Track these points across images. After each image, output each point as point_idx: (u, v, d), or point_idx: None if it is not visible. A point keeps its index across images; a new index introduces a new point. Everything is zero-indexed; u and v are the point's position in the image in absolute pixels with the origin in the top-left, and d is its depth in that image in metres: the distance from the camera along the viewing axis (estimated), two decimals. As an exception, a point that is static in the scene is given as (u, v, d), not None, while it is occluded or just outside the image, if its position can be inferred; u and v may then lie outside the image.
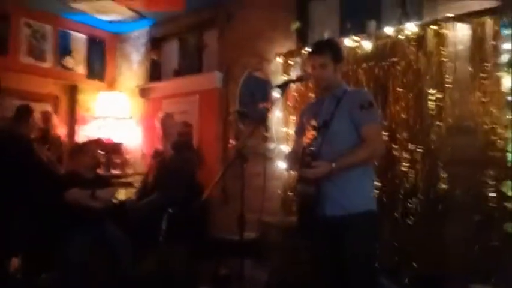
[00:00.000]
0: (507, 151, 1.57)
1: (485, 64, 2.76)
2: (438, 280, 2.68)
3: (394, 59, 3.13)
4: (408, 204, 2.99)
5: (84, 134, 4.95)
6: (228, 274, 3.50)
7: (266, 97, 4.02)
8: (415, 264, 2.87)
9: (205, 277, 3.56)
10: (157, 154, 4.32)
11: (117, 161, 4.84)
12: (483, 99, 2.76)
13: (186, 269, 3.57)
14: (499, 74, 2.70)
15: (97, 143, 3.92)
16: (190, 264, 3.59)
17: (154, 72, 5.11)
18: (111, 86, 5.33)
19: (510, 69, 2.65)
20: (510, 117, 1.69)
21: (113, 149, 4.89)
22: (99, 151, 3.78)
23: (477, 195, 2.69)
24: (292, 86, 3.62)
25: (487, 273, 2.53)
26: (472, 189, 2.71)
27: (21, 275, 3.26)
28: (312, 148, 2.20)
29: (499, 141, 2.65)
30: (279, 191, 3.65)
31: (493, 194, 2.61)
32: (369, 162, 2.29)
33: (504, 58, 2.68)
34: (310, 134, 2.25)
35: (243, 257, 3.08)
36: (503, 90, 2.64)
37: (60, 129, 4.69)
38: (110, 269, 3.37)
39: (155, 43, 5.12)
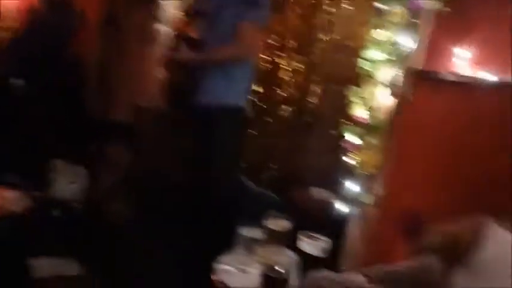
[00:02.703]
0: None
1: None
2: (289, 183, 2.91)
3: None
4: (281, 112, 3.13)
5: None
6: (98, 155, 3.40)
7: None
8: (274, 167, 3.10)
9: (73, 155, 3.42)
10: (32, 11, 3.80)
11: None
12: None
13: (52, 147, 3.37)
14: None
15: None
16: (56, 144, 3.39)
17: None
18: None
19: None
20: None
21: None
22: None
23: (340, 111, 2.88)
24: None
25: (333, 183, 2.82)
26: (337, 106, 2.88)
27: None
28: (190, 34, 2.15)
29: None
30: (159, 76, 3.50)
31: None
32: (238, 60, 2.24)
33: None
34: (191, 19, 2.18)
35: (115, 140, 2.99)
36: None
37: None
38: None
39: None
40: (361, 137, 1.64)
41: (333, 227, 1.78)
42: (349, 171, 1.77)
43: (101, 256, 2.31)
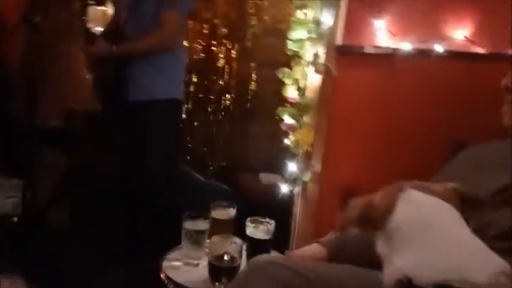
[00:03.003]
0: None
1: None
2: (237, 171, 2.90)
3: None
4: (221, 100, 3.11)
5: None
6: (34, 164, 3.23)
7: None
8: (219, 156, 3.09)
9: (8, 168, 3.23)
10: None
11: None
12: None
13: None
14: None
15: None
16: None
17: None
18: None
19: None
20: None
21: None
22: None
23: (276, 94, 2.90)
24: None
25: (277, 166, 2.84)
26: (273, 90, 2.91)
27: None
28: (110, 26, 2.09)
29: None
30: (88, 75, 3.36)
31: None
32: (162, 50, 2.18)
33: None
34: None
35: (50, 146, 2.86)
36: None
37: None
38: None
39: None
40: (295, 117, 1.65)
41: (280, 208, 1.80)
42: (288, 152, 1.79)
43: (46, 267, 2.21)
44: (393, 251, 0.78)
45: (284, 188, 1.77)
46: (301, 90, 1.62)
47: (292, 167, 1.73)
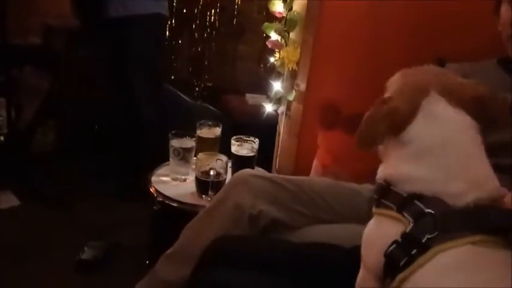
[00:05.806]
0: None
1: None
2: (222, 91, 2.88)
3: None
4: (206, 16, 2.98)
5: None
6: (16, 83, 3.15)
7: None
8: (206, 76, 3.04)
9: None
10: None
11: None
12: None
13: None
14: None
15: None
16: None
17: None
18: None
19: None
20: None
21: None
22: None
23: (266, 11, 2.80)
24: None
25: (264, 86, 2.82)
26: (263, 6, 2.79)
27: None
28: None
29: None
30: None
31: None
32: None
33: None
34: None
35: (30, 64, 2.78)
36: None
37: None
38: None
39: None
40: (281, 33, 1.61)
41: (265, 127, 1.83)
42: (274, 71, 1.76)
43: (35, 184, 2.26)
44: (396, 157, 0.75)
45: (269, 108, 1.77)
46: (288, 4, 1.56)
47: (277, 86, 1.72)
